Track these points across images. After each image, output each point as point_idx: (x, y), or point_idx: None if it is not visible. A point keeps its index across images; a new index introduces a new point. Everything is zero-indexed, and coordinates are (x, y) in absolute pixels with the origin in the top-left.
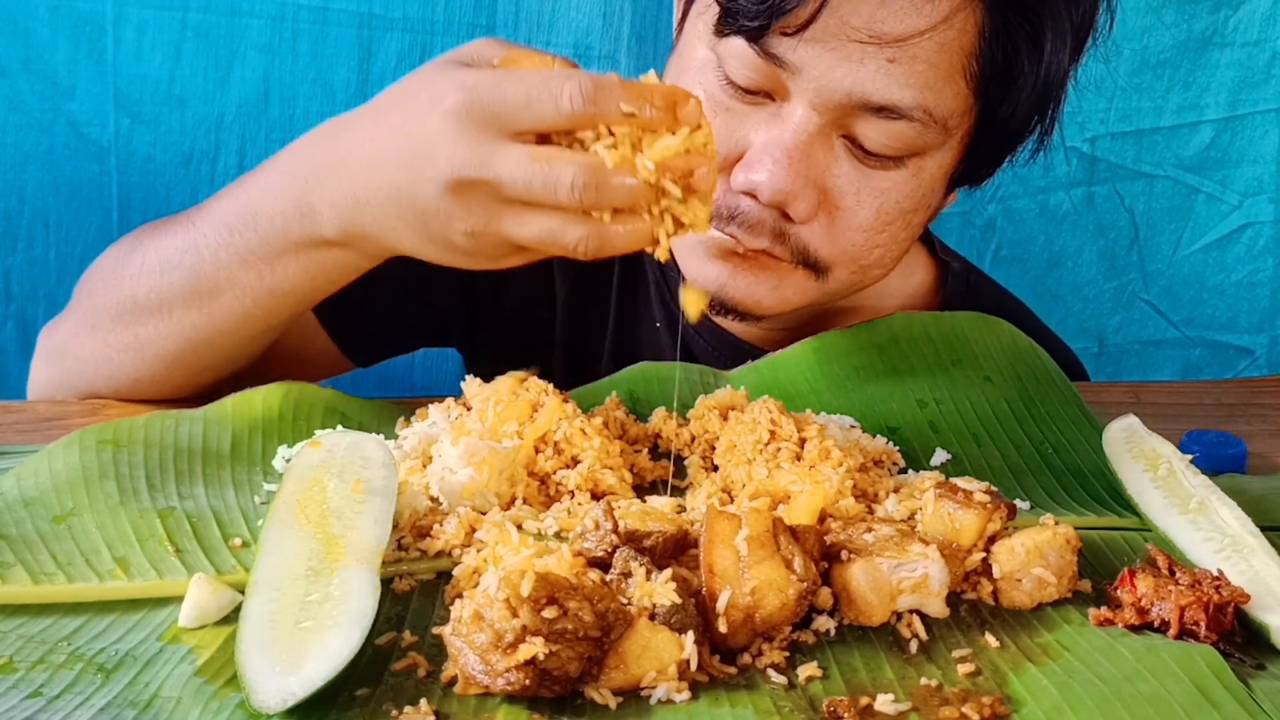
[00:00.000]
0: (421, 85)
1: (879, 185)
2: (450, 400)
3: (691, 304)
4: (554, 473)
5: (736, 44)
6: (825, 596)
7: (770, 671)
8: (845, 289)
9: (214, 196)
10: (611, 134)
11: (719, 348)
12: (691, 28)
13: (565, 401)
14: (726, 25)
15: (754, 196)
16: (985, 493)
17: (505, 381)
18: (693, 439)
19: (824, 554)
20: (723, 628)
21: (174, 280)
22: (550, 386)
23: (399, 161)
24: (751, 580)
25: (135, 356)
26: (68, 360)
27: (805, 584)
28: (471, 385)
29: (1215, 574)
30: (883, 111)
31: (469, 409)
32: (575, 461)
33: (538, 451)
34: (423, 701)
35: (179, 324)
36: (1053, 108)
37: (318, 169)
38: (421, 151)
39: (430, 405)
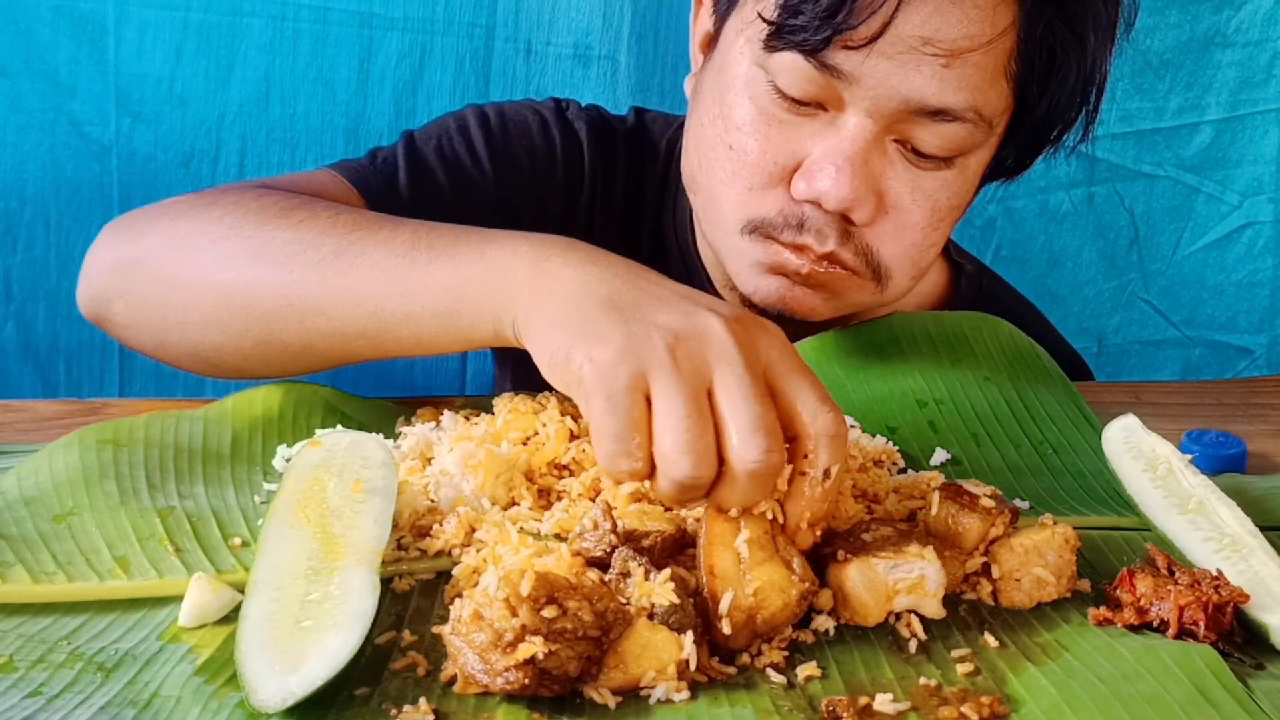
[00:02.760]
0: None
1: (930, 185)
2: (469, 411)
3: None
4: (556, 483)
5: (788, 58)
6: (825, 597)
7: (769, 671)
8: (899, 296)
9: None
10: None
11: None
12: (730, 44)
13: (577, 420)
14: (780, 40)
15: (817, 205)
16: (990, 497)
17: (528, 403)
18: None
19: (817, 554)
20: (726, 629)
21: (316, 246)
22: (559, 403)
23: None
24: (754, 581)
25: (223, 306)
26: (129, 278)
27: (806, 584)
28: (502, 401)
29: (1214, 574)
30: (937, 115)
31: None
32: (580, 468)
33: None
34: (422, 700)
35: (292, 281)
36: (1096, 94)
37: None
38: (667, 301)
39: (445, 411)
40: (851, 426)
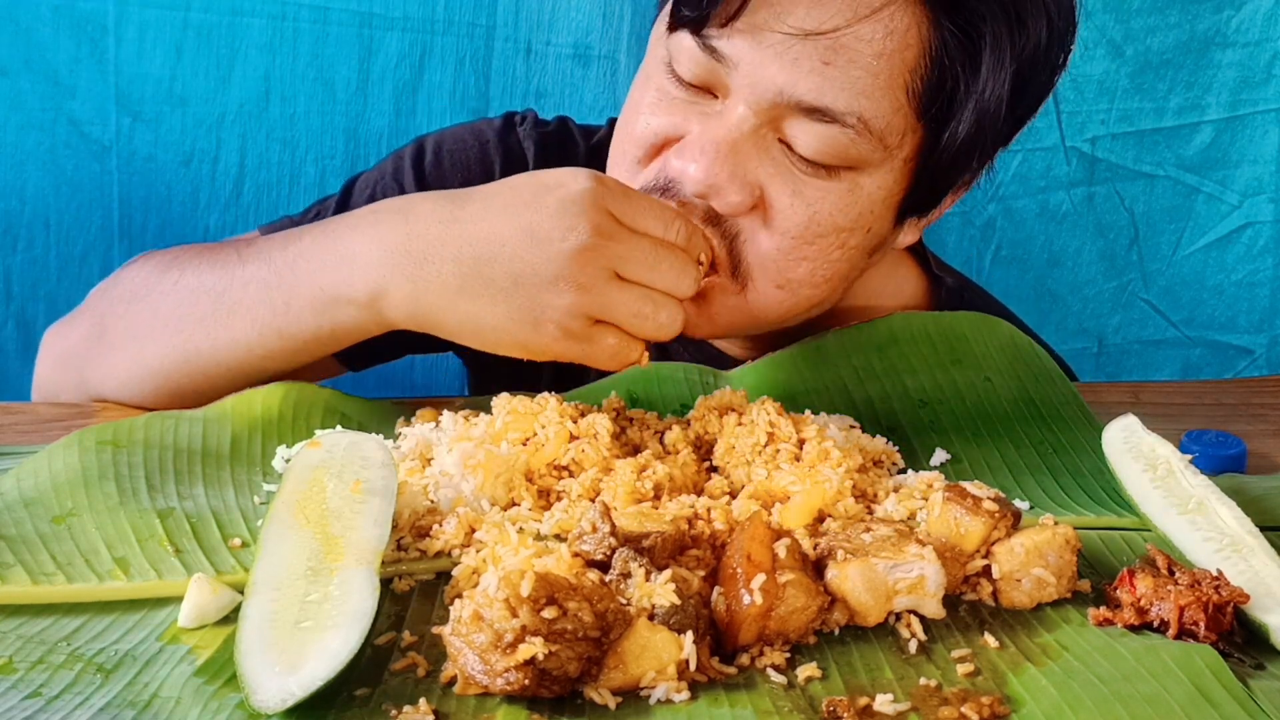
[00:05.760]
0: (532, 177)
1: (811, 194)
2: (468, 411)
3: None
4: (556, 484)
5: (683, 40)
6: (840, 612)
7: (770, 671)
8: (773, 310)
9: (266, 237)
10: None
11: (699, 360)
12: (656, 31)
13: (576, 420)
14: (674, 19)
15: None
16: (993, 500)
17: (527, 403)
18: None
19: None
20: (759, 599)
21: (199, 301)
22: (558, 403)
23: (520, 233)
24: (785, 576)
25: (138, 368)
26: (76, 366)
27: (822, 600)
28: (500, 402)
29: (1214, 574)
30: (814, 113)
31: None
32: (580, 469)
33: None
34: (422, 701)
35: (185, 341)
36: (989, 140)
37: (407, 245)
38: (551, 221)
39: (445, 411)
40: (851, 427)
